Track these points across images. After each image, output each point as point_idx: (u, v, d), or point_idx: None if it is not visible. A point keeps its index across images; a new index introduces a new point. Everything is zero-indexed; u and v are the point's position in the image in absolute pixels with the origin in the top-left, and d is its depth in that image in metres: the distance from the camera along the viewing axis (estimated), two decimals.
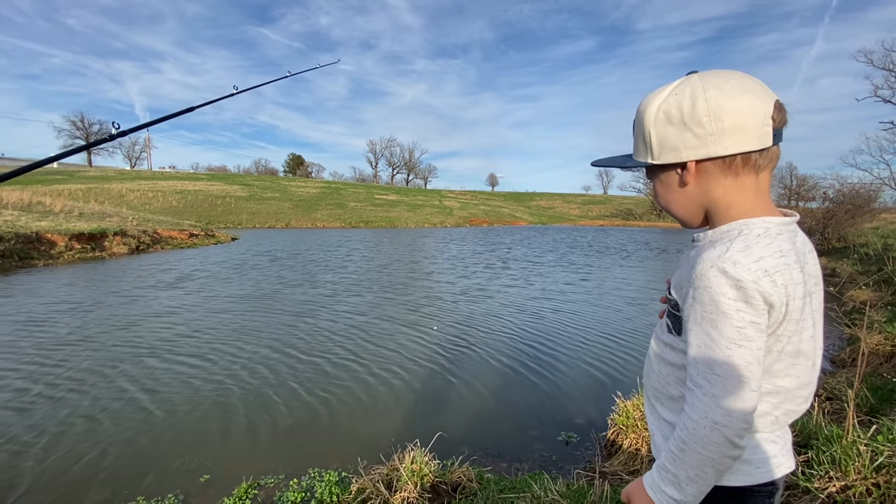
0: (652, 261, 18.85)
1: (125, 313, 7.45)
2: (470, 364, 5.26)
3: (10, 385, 4.40)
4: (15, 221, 15.30)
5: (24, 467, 3.08)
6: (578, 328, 7.03)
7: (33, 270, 12.62)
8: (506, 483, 2.84)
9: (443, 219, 51.82)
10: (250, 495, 2.85)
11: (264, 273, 12.65)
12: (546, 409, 4.15)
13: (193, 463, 3.19)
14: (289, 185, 60.32)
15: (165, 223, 22.67)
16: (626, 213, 75.46)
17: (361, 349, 5.74)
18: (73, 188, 38.80)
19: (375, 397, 4.34)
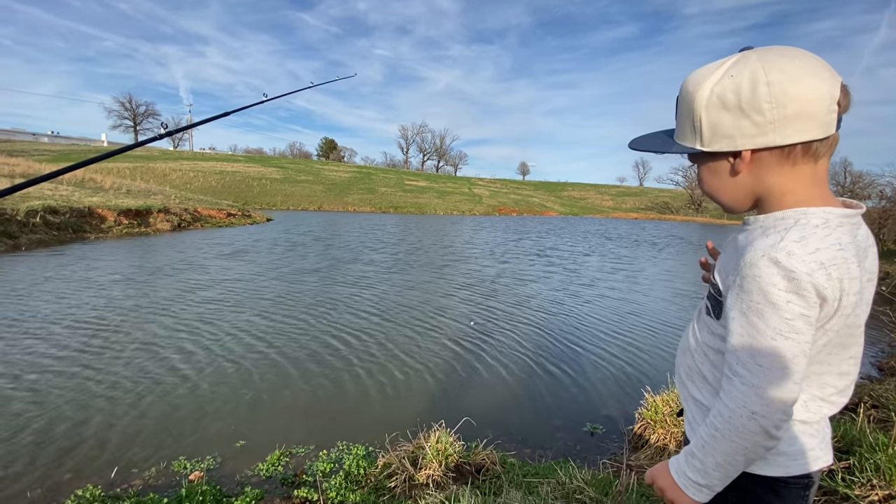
0: (688, 255, 18.22)
1: (181, 286, 7.85)
2: (497, 351, 5.28)
3: (86, 342, 4.74)
4: (69, 196, 16.25)
5: (68, 418, 3.34)
6: (608, 320, 6.93)
7: (86, 242, 13.42)
8: (529, 468, 2.86)
9: (471, 206, 51.59)
10: (282, 462, 2.99)
11: (309, 250, 13.36)
12: (572, 399, 4.13)
13: (230, 429, 3.37)
14: (322, 169, 61.35)
15: (205, 202, 23.57)
16: (662, 207, 72.97)
17: (394, 330, 5.85)
18: (120, 166, 40.76)
19: (404, 378, 4.42)
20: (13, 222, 12.53)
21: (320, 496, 2.53)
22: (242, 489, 2.63)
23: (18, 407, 3.50)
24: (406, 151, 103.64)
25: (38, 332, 5.16)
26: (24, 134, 60.76)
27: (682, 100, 0.82)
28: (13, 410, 3.44)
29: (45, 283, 7.70)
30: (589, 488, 1.97)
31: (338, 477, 2.74)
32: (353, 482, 2.72)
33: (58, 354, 4.55)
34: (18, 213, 12.85)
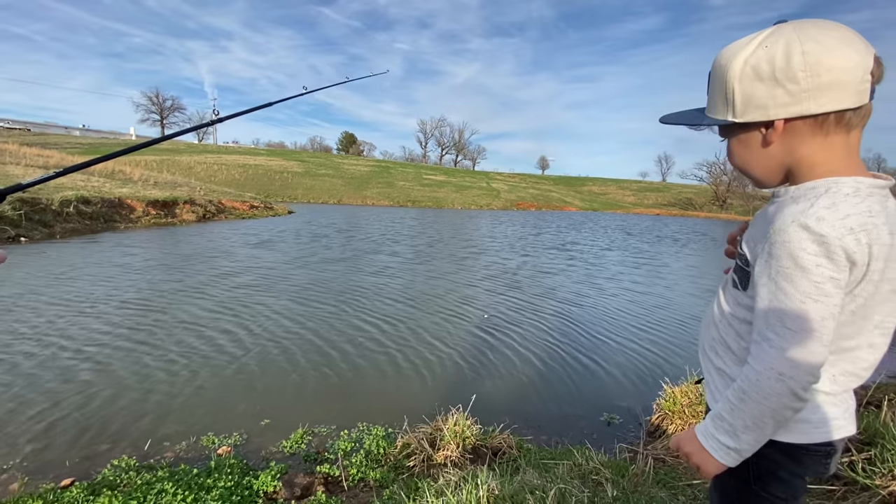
0: (711, 251, 17.82)
1: (215, 271, 8.10)
2: (516, 340, 5.31)
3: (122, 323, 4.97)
4: (101, 188, 16.84)
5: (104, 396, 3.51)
6: (629, 313, 6.88)
7: (117, 232, 13.92)
8: (546, 453, 2.90)
9: (489, 201, 51.40)
10: (305, 441, 3.09)
11: (332, 241, 13.81)
12: (589, 389, 4.14)
13: (256, 408, 3.50)
14: (342, 163, 61.93)
15: (229, 194, 24.10)
16: (685, 203, 71.35)
17: (417, 317, 5.93)
18: (148, 159, 41.94)
19: (425, 363, 4.50)
20: (48, 211, 13.06)
21: (342, 472, 2.63)
22: (267, 464, 2.74)
23: (63, 383, 3.70)
24: (424, 146, 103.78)
25: (90, 311, 5.42)
26: (56, 127, 63.00)
27: (715, 73, 0.83)
28: (54, 386, 3.64)
29: (90, 268, 8.04)
30: (605, 469, 2.00)
31: (358, 455, 2.83)
32: (373, 460, 2.80)
33: (110, 332, 4.77)
34: (53, 202, 13.39)
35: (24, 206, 12.38)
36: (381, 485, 2.54)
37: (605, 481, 1.89)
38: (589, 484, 1.89)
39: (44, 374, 3.80)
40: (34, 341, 4.49)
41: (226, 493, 2.31)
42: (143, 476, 2.47)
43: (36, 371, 3.85)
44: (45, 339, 4.57)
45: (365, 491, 2.49)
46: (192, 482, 2.39)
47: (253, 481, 2.46)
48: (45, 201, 13.22)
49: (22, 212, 12.03)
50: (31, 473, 2.61)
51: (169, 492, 2.26)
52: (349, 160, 68.82)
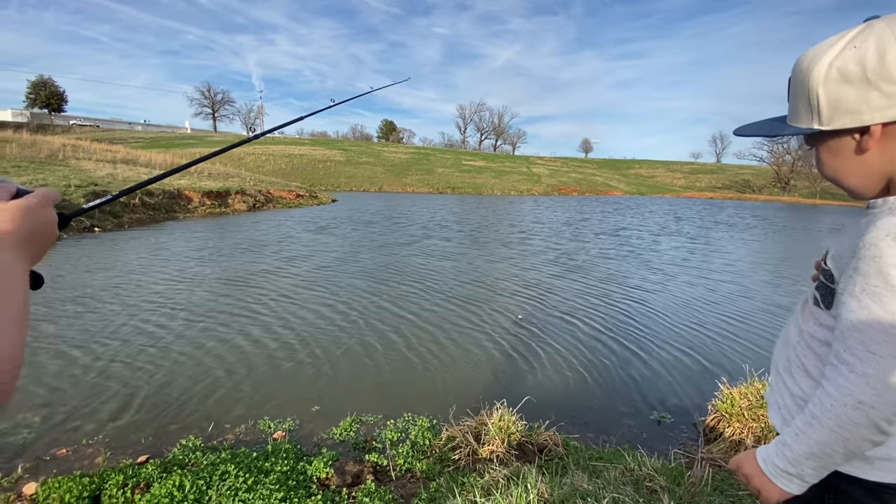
0: (772, 236, 16.64)
1: (288, 254, 8.53)
2: (562, 331, 5.23)
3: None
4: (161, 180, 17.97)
5: (177, 384, 3.79)
6: (680, 306, 6.58)
7: (178, 221, 14.86)
8: (593, 452, 2.85)
9: (530, 186, 50.43)
10: (353, 429, 3.20)
11: (385, 227, 14.53)
12: (638, 386, 4.02)
13: (308, 395, 3.65)
14: (382, 151, 62.64)
15: (276, 184, 25.04)
16: (742, 185, 66.98)
17: (461, 307, 5.97)
18: (202, 151, 44.19)
19: (468, 355, 4.52)
20: (117, 203, 14.09)
21: (389, 462, 2.70)
22: (319, 450, 2.86)
23: (134, 370, 4.02)
24: (463, 131, 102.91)
25: (197, 286, 5.86)
26: (121, 123, 67.54)
27: (795, 79, 0.77)
28: (138, 364, 3.96)
29: (182, 251, 8.67)
30: (659, 476, 1.93)
31: (405, 446, 2.90)
32: (419, 451, 2.86)
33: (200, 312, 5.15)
34: None
35: (97, 198, 13.44)
36: (428, 477, 2.59)
37: (660, 489, 1.82)
38: (642, 492, 1.83)
39: (125, 357, 4.14)
40: (125, 323, 4.90)
41: (282, 477, 2.44)
42: (208, 457, 2.64)
43: (116, 355, 4.21)
44: (132, 320, 4.97)
45: (412, 482, 2.55)
46: (251, 465, 2.53)
47: (307, 466, 2.58)
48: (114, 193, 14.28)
49: None
50: (112, 449, 2.87)
51: (231, 473, 2.42)
52: (389, 147, 69.48)
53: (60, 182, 13.61)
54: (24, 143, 18.87)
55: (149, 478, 2.42)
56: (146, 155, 24.14)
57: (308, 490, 2.39)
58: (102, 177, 15.85)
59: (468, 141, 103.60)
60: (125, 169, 18.40)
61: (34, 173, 14.33)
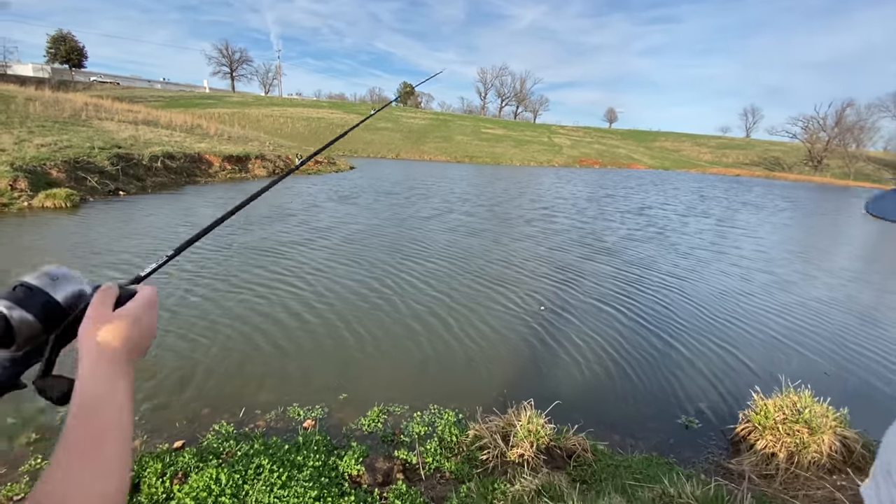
0: (803, 221, 16.05)
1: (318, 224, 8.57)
2: (590, 321, 5.16)
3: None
4: (182, 142, 17.96)
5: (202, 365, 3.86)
6: (715, 296, 6.46)
7: (199, 185, 14.95)
8: (621, 459, 2.84)
9: (550, 157, 49.26)
10: (381, 419, 3.24)
11: (408, 199, 14.55)
12: (668, 385, 3.96)
13: (335, 382, 3.69)
14: (400, 116, 61.49)
15: (295, 149, 24.88)
16: (772, 163, 64.38)
17: (490, 288, 5.93)
18: (221, 112, 43.97)
19: (493, 345, 4.51)
20: (140, 166, 14.19)
21: (418, 460, 2.73)
22: (349, 442, 2.91)
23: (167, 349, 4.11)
24: (484, 97, 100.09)
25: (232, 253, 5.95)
26: (140, 81, 67.24)
27: None
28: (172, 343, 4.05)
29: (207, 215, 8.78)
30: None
31: (432, 442, 2.92)
32: (446, 449, 2.89)
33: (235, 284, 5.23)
34: (144, 157, 14.50)
35: (121, 161, 13.54)
36: (458, 478, 2.61)
37: None
38: None
39: None
40: None
41: (315, 473, 2.48)
42: (242, 446, 2.70)
43: None
44: None
45: (441, 483, 2.58)
46: (284, 458, 2.58)
47: (338, 462, 2.62)
48: (137, 156, 14.34)
49: (119, 167, 13.18)
50: (148, 432, 2.96)
51: (266, 467, 2.47)
52: (407, 112, 68.15)
53: (84, 143, 13.69)
54: (48, 101, 18.94)
55: (186, 467, 2.49)
56: (166, 115, 24.07)
57: (341, 488, 2.43)
58: (125, 139, 15.89)
59: (488, 107, 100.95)
60: (146, 130, 18.42)
61: (58, 133, 14.43)
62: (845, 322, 5.90)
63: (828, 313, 6.20)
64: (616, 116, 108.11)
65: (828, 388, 3.64)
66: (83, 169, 12.15)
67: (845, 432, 2.89)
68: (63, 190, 10.32)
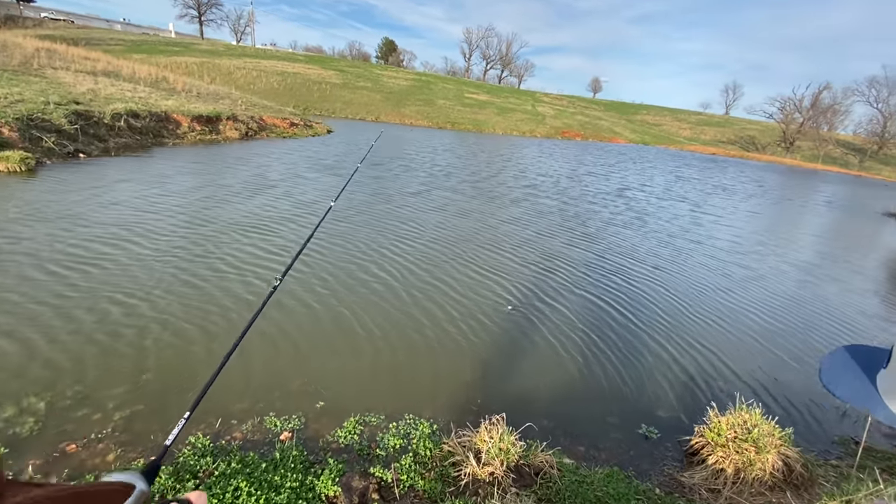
0: (772, 208, 16.65)
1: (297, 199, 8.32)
2: (562, 324, 5.32)
3: None
4: (147, 98, 16.88)
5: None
6: (683, 296, 6.73)
7: (167, 148, 14.22)
8: (584, 475, 3.02)
9: (533, 127, 48.79)
10: (357, 430, 3.32)
11: (392, 171, 13.87)
12: (628, 393, 4.18)
13: (311, 387, 3.74)
14: (381, 75, 59.19)
15: (269, 109, 23.77)
16: (747, 142, 65.71)
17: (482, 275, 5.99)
18: (188, 61, 41.25)
19: (468, 347, 4.61)
20: (101, 125, 13.33)
21: (393, 478, 2.84)
22: (326, 457, 2.99)
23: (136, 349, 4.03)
24: (468, 58, 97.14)
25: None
26: (98, 21, 61.97)
27: None
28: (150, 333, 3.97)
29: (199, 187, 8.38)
30: None
31: (407, 457, 3.03)
32: (420, 465, 3.00)
33: None
34: (105, 115, 13.60)
35: (80, 119, 12.66)
36: (430, 497, 2.74)
37: None
38: None
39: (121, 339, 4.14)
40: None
41: (292, 495, 2.56)
42: (219, 464, 2.74)
43: (124, 320, 4.19)
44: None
45: (415, 503, 2.70)
46: (262, 479, 2.64)
47: (315, 482, 2.70)
48: (98, 114, 13.43)
49: (77, 126, 12.33)
50: (122, 445, 2.95)
51: (244, 490, 2.52)
52: (388, 71, 65.60)
53: (38, 98, 12.70)
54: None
55: (163, 489, 2.52)
56: (129, 66, 22.44)
57: None
58: (83, 93, 14.81)
59: (472, 69, 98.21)
60: (107, 84, 17.20)
61: (8, 85, 13.32)
62: (812, 320, 6.38)
63: (796, 310, 6.70)
64: (600, 86, 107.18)
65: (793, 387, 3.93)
66: (38, 128, 11.32)
67: (788, 451, 3.15)
68: (17, 152, 9.64)
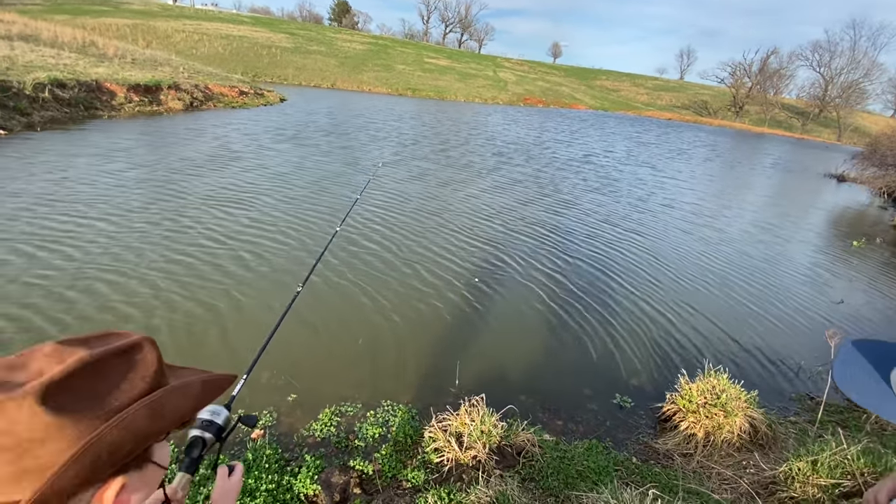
0: (729, 172, 17.34)
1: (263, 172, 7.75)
2: (528, 305, 5.32)
3: None
4: (74, 66, 15.23)
5: None
6: (648, 262, 6.91)
7: (101, 121, 12.99)
8: (565, 450, 3.06)
9: (495, 94, 48.13)
10: (333, 422, 3.21)
11: (357, 141, 13.07)
12: (603, 365, 4.25)
13: (280, 379, 3.56)
14: (335, 38, 56.17)
15: (215, 76, 22.11)
16: (700, 107, 67.76)
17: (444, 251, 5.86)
18: (119, 23, 37.52)
19: (435, 326, 4.53)
20: (22, 97, 11.95)
21: (375, 469, 2.77)
22: (302, 454, 2.87)
23: None
24: (427, 21, 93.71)
25: None
26: None
27: None
28: None
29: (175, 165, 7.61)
30: None
31: (387, 446, 2.96)
32: (401, 452, 2.94)
33: None
34: (25, 86, 12.18)
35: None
36: (414, 486, 2.69)
37: None
38: None
39: None
40: None
41: (269, 498, 2.44)
42: None
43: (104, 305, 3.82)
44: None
45: (399, 494, 2.65)
46: None
47: (293, 481, 2.58)
48: (17, 84, 12.00)
49: None
50: None
51: None
52: (342, 34, 62.31)
53: None
54: None
55: None
56: (49, 28, 20.10)
57: None
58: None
59: (431, 32, 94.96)
60: (26, 49, 15.37)
61: None
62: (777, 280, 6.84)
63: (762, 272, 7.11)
64: (560, 51, 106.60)
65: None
66: None
67: (753, 413, 3.31)
68: None
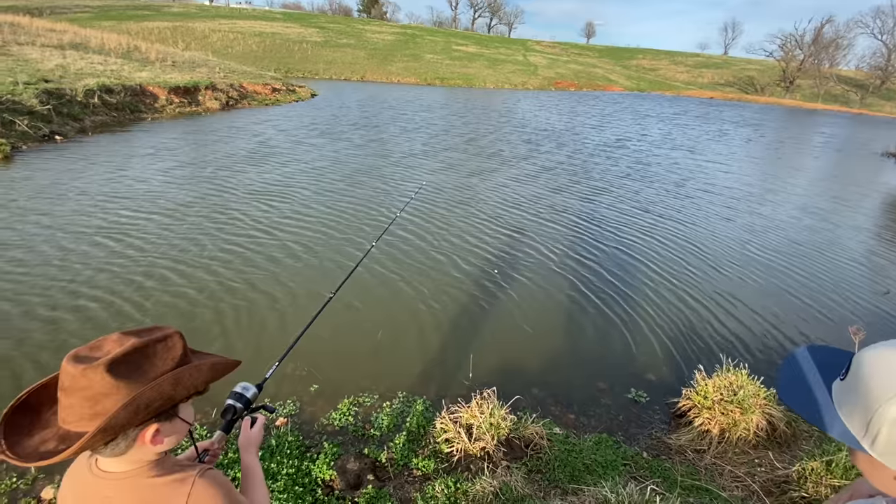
0: (774, 152, 16.39)
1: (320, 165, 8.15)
2: (551, 296, 5.33)
3: None
4: (119, 71, 16.17)
5: None
6: (671, 255, 6.71)
7: (145, 123, 13.76)
8: (574, 443, 3.11)
9: (525, 79, 47.17)
10: (351, 412, 3.39)
11: (391, 134, 13.74)
12: (622, 358, 4.23)
13: (304, 370, 3.78)
14: (364, 30, 56.54)
15: (249, 75, 22.83)
16: (746, 83, 63.82)
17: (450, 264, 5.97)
18: (160, 26, 39.25)
19: (453, 319, 4.64)
20: (74, 103, 12.81)
21: (388, 457, 2.92)
22: (321, 441, 3.06)
23: None
24: (455, 7, 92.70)
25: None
26: None
27: (862, 385, 0.74)
28: None
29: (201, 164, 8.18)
30: None
31: (401, 436, 3.11)
32: (413, 442, 3.08)
33: None
34: (77, 92, 13.06)
35: (51, 98, 12.15)
36: (424, 475, 2.83)
37: None
38: None
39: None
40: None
41: (289, 482, 2.64)
42: None
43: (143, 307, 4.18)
44: None
45: (409, 481, 2.79)
46: None
47: (311, 466, 2.77)
48: (70, 92, 12.88)
49: (50, 105, 11.85)
50: None
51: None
52: (371, 26, 62.59)
53: (6, 78, 12.13)
54: None
55: None
56: (97, 36, 21.35)
57: (314, 496, 2.60)
58: (52, 69, 14.16)
59: (460, 18, 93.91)
60: (76, 57, 16.41)
61: None
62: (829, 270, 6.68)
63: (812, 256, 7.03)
64: (594, 31, 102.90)
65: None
66: (10, 110, 10.87)
67: (772, 410, 3.23)
68: None
